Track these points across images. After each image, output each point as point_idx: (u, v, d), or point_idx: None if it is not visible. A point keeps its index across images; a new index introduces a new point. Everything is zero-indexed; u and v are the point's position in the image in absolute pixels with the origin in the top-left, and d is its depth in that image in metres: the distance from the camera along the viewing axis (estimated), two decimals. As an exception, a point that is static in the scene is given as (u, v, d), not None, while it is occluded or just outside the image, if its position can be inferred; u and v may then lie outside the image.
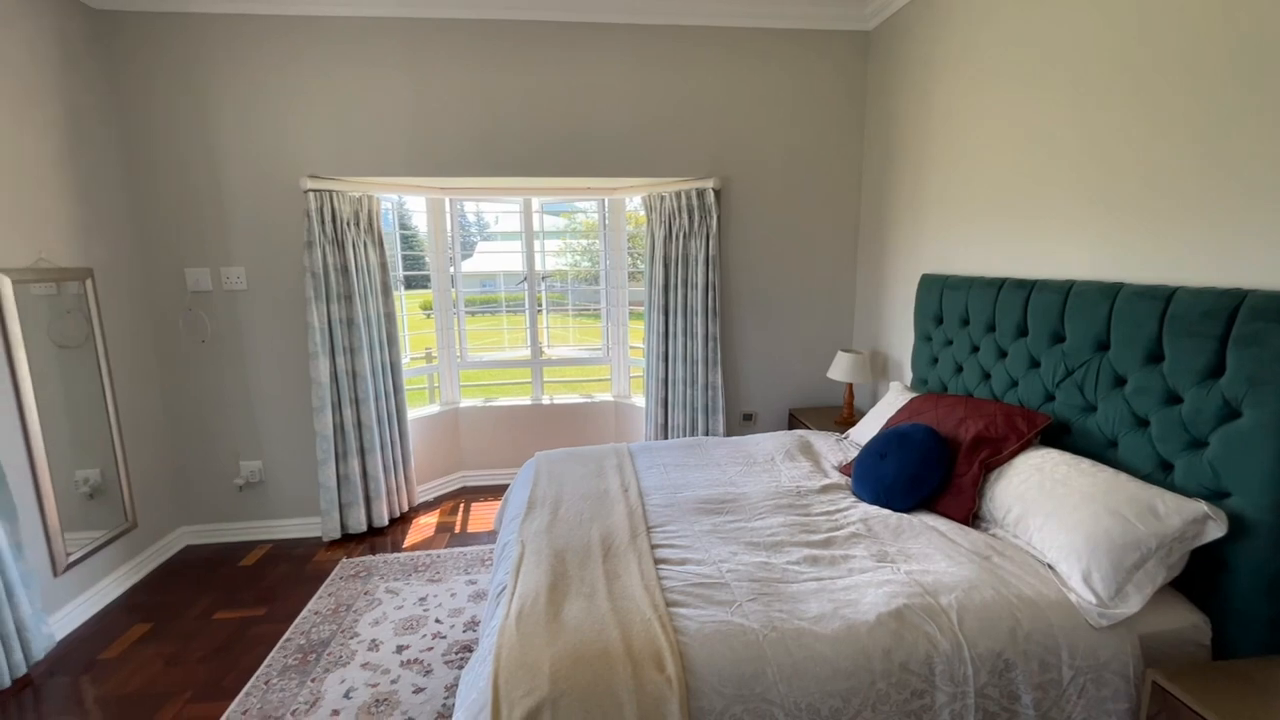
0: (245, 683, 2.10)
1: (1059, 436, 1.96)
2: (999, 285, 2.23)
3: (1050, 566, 1.59)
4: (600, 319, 3.99)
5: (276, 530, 3.23)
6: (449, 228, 3.65)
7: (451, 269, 3.70)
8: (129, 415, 2.83)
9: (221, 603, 2.62)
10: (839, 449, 2.60)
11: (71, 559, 2.48)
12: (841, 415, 3.24)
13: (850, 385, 3.22)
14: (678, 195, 3.25)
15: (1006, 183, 2.30)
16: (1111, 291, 1.78)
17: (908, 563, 1.66)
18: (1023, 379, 2.13)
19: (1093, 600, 1.46)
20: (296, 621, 2.43)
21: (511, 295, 4.02)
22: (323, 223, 2.92)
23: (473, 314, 3.98)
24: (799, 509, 2.04)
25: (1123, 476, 1.64)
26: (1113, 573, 1.46)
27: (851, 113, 3.27)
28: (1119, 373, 1.78)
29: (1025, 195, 2.21)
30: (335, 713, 1.94)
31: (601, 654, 1.32)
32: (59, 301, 2.53)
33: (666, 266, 3.35)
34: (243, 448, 3.17)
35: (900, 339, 3.05)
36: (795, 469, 2.39)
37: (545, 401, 3.89)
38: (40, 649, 2.21)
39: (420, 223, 3.67)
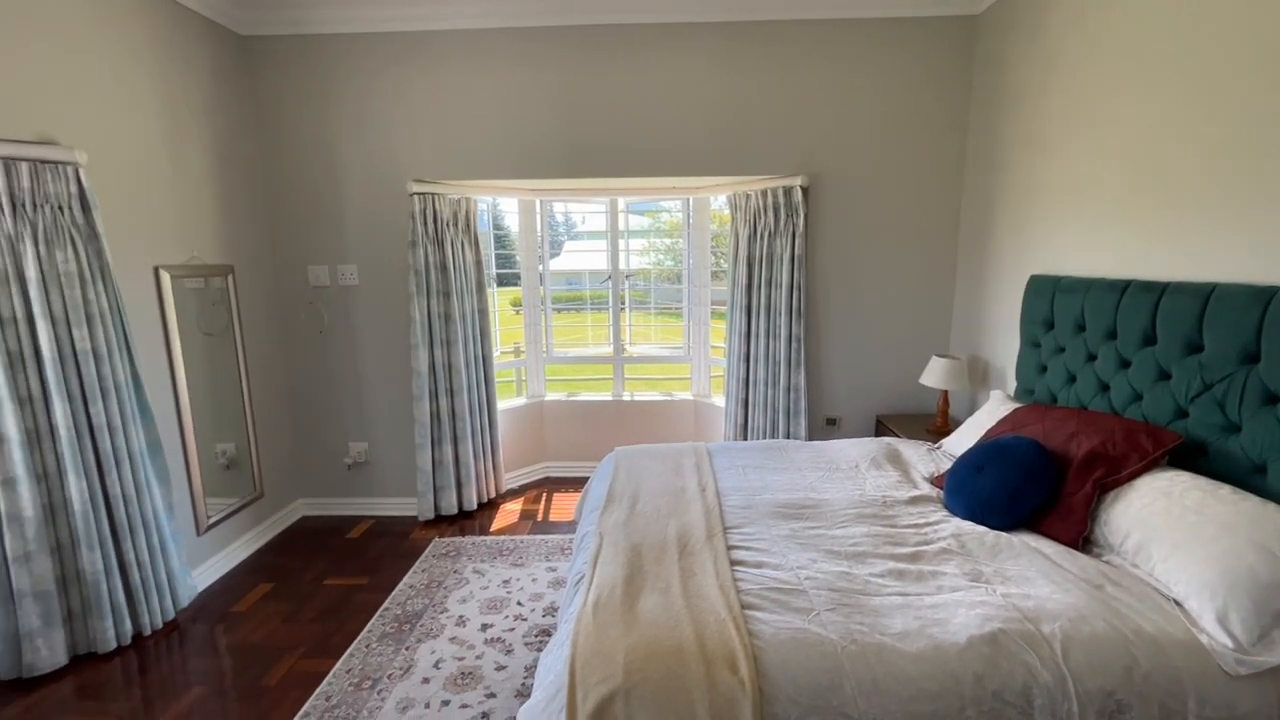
0: (349, 644, 2.30)
1: (1192, 458, 1.76)
2: (1122, 288, 2.03)
3: (1177, 602, 1.43)
4: (682, 318, 4.01)
5: (379, 508, 3.51)
6: (539, 227, 3.79)
7: (540, 267, 3.83)
8: (259, 396, 3.16)
9: (331, 570, 2.88)
10: (930, 459, 2.46)
11: (211, 521, 2.83)
12: (934, 424, 3.06)
13: (945, 393, 3.04)
14: (763, 193, 3.19)
15: (1139, 178, 2.07)
16: (1264, 296, 1.57)
17: (1005, 584, 1.55)
18: (1149, 392, 1.92)
19: (1229, 644, 1.29)
20: (394, 593, 2.63)
21: (596, 293, 4.11)
22: (425, 223, 3.13)
23: (559, 311, 4.11)
24: (884, 520, 1.95)
25: (1272, 507, 1.45)
26: (1255, 615, 1.29)
27: (954, 103, 3.07)
28: (1270, 389, 1.56)
29: (1161, 191, 1.98)
30: (426, 680, 2.08)
31: (675, 650, 1.33)
32: (205, 294, 2.87)
33: (750, 266, 3.30)
34: (352, 430, 3.46)
35: (1003, 345, 2.84)
36: (881, 478, 2.28)
37: (626, 398, 3.96)
38: (186, 598, 2.54)
39: (512, 223, 3.84)
